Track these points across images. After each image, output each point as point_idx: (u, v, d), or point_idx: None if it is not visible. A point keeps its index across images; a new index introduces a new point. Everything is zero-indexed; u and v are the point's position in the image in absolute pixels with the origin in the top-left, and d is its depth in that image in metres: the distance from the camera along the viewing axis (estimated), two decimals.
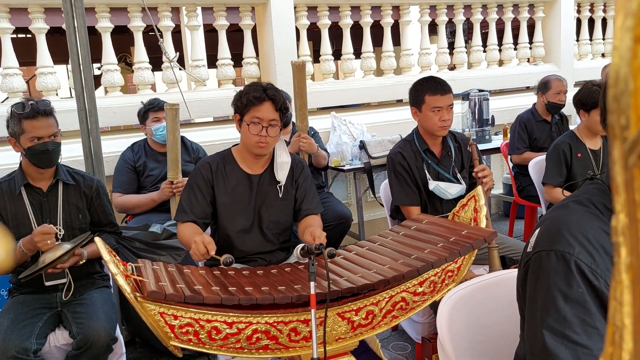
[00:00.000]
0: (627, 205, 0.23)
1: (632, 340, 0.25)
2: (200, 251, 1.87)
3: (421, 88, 2.56)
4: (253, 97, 2.11)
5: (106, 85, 3.85)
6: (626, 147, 0.22)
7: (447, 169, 2.62)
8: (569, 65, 5.66)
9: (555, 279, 0.98)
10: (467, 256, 1.90)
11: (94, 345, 2.10)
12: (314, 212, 2.31)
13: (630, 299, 0.25)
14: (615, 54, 0.22)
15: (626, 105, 0.22)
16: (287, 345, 1.69)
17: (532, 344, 1.02)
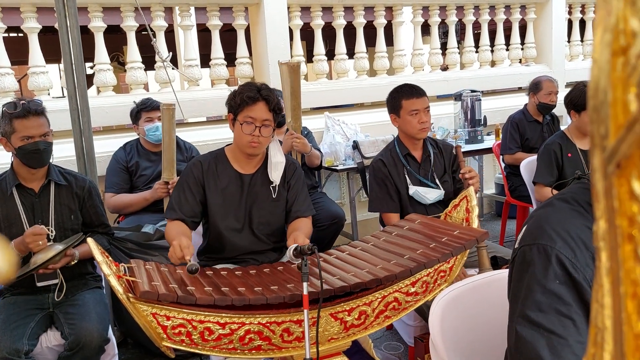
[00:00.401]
0: (607, 211, 0.24)
1: (613, 341, 0.26)
2: (176, 255, 1.85)
3: (397, 95, 2.65)
4: (247, 97, 2.12)
5: (99, 85, 3.84)
6: (605, 156, 0.23)
7: (426, 173, 2.66)
8: (560, 66, 5.70)
9: (534, 271, 1.00)
10: (459, 256, 1.92)
11: (86, 346, 2.09)
12: (304, 215, 2.30)
13: (610, 302, 0.25)
14: (595, 66, 0.23)
15: (605, 116, 0.23)
16: (279, 345, 1.69)
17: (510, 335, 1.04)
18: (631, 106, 0.21)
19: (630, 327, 0.24)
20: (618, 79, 0.22)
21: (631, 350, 0.25)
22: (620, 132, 0.22)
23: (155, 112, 3.21)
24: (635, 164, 0.22)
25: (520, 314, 1.01)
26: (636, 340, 0.24)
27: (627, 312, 0.24)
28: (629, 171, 0.22)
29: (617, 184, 0.23)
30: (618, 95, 0.22)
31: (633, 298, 0.24)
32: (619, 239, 0.23)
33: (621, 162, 0.22)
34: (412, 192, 2.61)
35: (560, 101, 3.52)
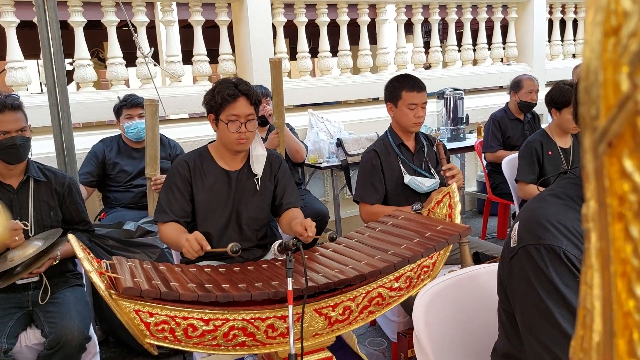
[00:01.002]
0: (597, 191, 0.24)
1: (602, 321, 0.27)
2: (194, 248, 1.86)
3: (398, 84, 2.63)
4: (227, 95, 2.10)
5: (78, 81, 3.78)
6: (596, 136, 0.23)
7: (420, 163, 2.67)
8: (541, 65, 5.77)
9: (552, 273, 1.00)
10: (442, 251, 1.93)
11: (67, 345, 2.07)
12: (295, 205, 2.32)
13: (599, 281, 0.26)
14: (587, 47, 0.23)
15: (596, 97, 0.23)
16: (264, 341, 1.69)
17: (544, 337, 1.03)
18: (622, 85, 0.22)
19: (619, 305, 0.25)
20: (609, 60, 0.23)
21: (620, 329, 0.25)
22: (611, 112, 0.22)
23: (135, 109, 3.18)
24: (626, 143, 0.22)
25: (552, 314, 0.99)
26: (625, 319, 0.24)
27: (617, 290, 0.24)
28: (620, 150, 0.22)
29: (608, 163, 0.23)
30: (609, 76, 0.23)
31: (622, 277, 0.24)
32: (610, 218, 0.24)
33: (612, 141, 0.22)
34: (407, 181, 2.60)
35: (541, 100, 3.56)
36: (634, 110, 0.21)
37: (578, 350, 0.30)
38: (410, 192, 2.64)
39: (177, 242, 1.99)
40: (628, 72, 0.21)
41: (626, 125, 0.21)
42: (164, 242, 2.21)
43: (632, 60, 0.21)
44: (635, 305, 0.23)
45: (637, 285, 0.23)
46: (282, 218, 2.30)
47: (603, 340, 0.27)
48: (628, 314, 0.24)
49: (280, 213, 2.31)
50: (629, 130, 0.21)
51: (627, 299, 0.24)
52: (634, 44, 0.21)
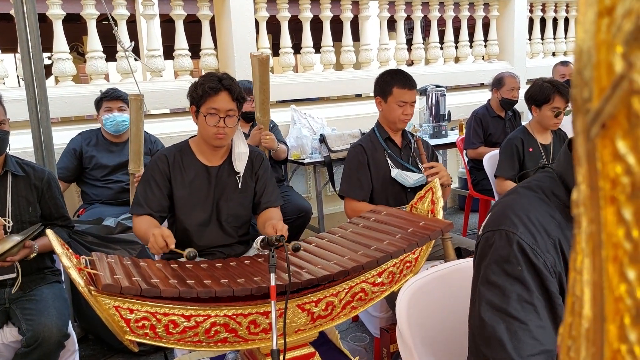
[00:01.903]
0: (589, 175, 0.24)
1: (591, 307, 0.26)
2: (159, 244, 1.84)
3: (390, 80, 2.61)
4: (209, 88, 2.08)
5: (57, 75, 3.72)
6: (589, 119, 0.23)
7: (408, 158, 2.67)
8: (522, 63, 5.83)
9: (497, 257, 1.02)
10: (425, 247, 1.94)
11: (45, 342, 2.03)
12: (273, 205, 2.30)
13: (590, 266, 0.26)
14: (580, 28, 0.23)
15: (589, 78, 0.23)
16: (246, 337, 1.68)
17: (472, 318, 1.06)
18: (616, 66, 0.21)
19: (610, 290, 0.24)
20: (602, 41, 0.22)
21: (612, 314, 0.25)
22: (605, 93, 0.22)
23: (115, 102, 3.14)
24: (619, 124, 0.22)
25: (484, 298, 1.03)
26: (616, 303, 0.24)
27: (608, 275, 0.24)
28: (613, 131, 0.22)
29: (600, 145, 0.23)
30: (602, 57, 0.22)
31: (614, 261, 0.24)
32: (602, 202, 0.24)
33: (606, 122, 0.22)
34: (394, 174, 2.59)
35: (521, 97, 3.60)
36: (629, 90, 0.21)
37: (566, 338, 0.30)
38: (397, 189, 2.63)
39: (146, 235, 1.97)
40: (622, 52, 0.21)
41: (620, 106, 0.21)
42: (136, 235, 2.18)
43: (626, 40, 0.21)
44: (627, 289, 0.23)
45: (629, 269, 0.23)
46: (260, 217, 2.29)
47: (593, 326, 0.27)
48: (619, 298, 0.24)
49: (259, 211, 2.30)
50: (623, 111, 0.21)
51: (618, 284, 0.24)
52: (628, 24, 0.21)
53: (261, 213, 2.28)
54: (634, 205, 0.22)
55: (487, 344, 1.00)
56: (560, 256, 1.00)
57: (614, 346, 0.25)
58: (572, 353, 0.29)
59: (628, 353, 0.24)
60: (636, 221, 0.22)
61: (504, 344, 0.96)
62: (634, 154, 0.21)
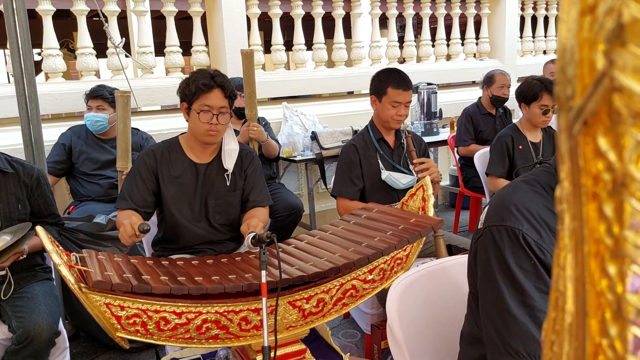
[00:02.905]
0: (571, 172, 0.24)
1: (574, 302, 0.27)
2: (127, 233, 1.82)
3: (385, 79, 2.59)
4: (202, 85, 2.07)
5: (47, 71, 3.69)
6: (571, 116, 0.23)
7: (399, 159, 2.67)
8: (513, 61, 5.86)
9: (509, 254, 1.03)
10: (416, 244, 1.94)
11: (36, 340, 2.02)
12: (261, 205, 2.28)
13: (573, 262, 0.26)
14: (563, 26, 0.23)
15: (572, 76, 0.23)
16: (237, 334, 1.68)
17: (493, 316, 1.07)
18: (598, 64, 0.22)
19: (592, 285, 0.25)
20: (585, 39, 0.23)
21: (593, 309, 0.25)
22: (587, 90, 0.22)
23: (94, 100, 3.12)
24: (601, 121, 0.22)
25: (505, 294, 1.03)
26: (598, 298, 0.25)
27: (590, 270, 0.25)
28: (595, 128, 0.22)
29: (582, 142, 0.23)
30: (585, 55, 0.23)
31: (596, 256, 0.24)
32: (584, 198, 0.24)
33: (588, 119, 0.22)
34: (384, 177, 2.59)
35: (512, 95, 3.62)
36: (610, 87, 0.21)
37: (550, 333, 0.30)
38: (388, 188, 2.64)
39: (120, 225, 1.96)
40: (604, 49, 0.21)
41: (602, 103, 0.21)
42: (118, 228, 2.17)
43: (608, 38, 0.21)
44: (608, 284, 0.24)
45: (610, 264, 0.23)
46: (245, 216, 2.28)
47: (575, 321, 0.27)
48: (601, 293, 0.24)
49: (246, 210, 2.29)
50: (604, 108, 0.22)
51: (600, 279, 0.24)
52: (609, 21, 0.21)
53: (247, 212, 2.27)
54: (615, 202, 0.22)
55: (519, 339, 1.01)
56: None
57: (595, 340, 0.25)
58: (556, 347, 0.30)
59: (609, 347, 0.24)
60: (617, 217, 0.22)
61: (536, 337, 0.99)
62: (615, 151, 0.22)
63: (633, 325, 0.23)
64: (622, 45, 0.21)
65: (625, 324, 0.23)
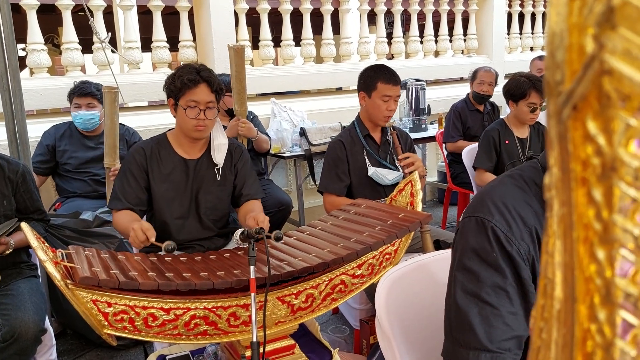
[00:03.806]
0: (560, 157, 0.24)
1: (562, 289, 0.27)
2: (139, 238, 1.83)
3: (374, 75, 2.59)
4: (188, 80, 2.05)
5: (32, 66, 3.64)
6: (560, 101, 0.23)
7: (386, 155, 2.67)
8: (500, 58, 5.89)
9: (472, 243, 1.03)
10: (404, 239, 1.95)
11: (21, 337, 2.00)
12: (254, 197, 2.29)
13: (561, 249, 0.26)
14: (553, 11, 0.23)
15: (561, 60, 0.23)
16: (226, 330, 1.67)
17: (448, 303, 1.08)
18: (587, 47, 0.22)
19: (581, 271, 0.25)
20: (574, 24, 0.23)
21: (582, 295, 0.25)
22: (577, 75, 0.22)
23: (83, 98, 3.06)
24: (590, 105, 0.22)
25: (459, 284, 1.04)
26: (587, 284, 0.25)
27: (579, 256, 0.25)
28: (584, 113, 0.22)
29: (572, 127, 0.23)
30: (574, 39, 0.23)
31: (585, 242, 0.24)
32: (573, 184, 0.24)
33: (577, 104, 0.22)
34: (370, 173, 2.60)
35: (499, 92, 3.63)
36: (599, 71, 0.21)
37: (539, 320, 0.30)
38: (375, 184, 2.64)
39: (126, 229, 1.95)
40: (594, 33, 0.21)
41: (591, 87, 0.21)
42: (117, 230, 2.16)
43: (598, 22, 0.21)
44: (597, 269, 0.24)
45: (599, 249, 0.23)
46: (240, 210, 2.28)
47: (564, 307, 0.27)
48: (589, 278, 0.24)
49: (240, 204, 2.29)
50: (594, 92, 0.21)
51: (588, 264, 0.24)
52: (599, 5, 0.21)
53: (242, 206, 2.27)
54: (604, 186, 0.22)
55: (460, 328, 1.02)
56: (537, 244, 1.01)
57: (584, 326, 0.25)
58: (544, 334, 0.30)
59: (598, 332, 0.24)
60: (606, 202, 0.22)
61: (475, 329, 0.98)
62: (604, 135, 0.22)
63: (622, 309, 0.23)
64: (612, 29, 0.21)
65: (614, 308, 0.23)
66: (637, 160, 0.21)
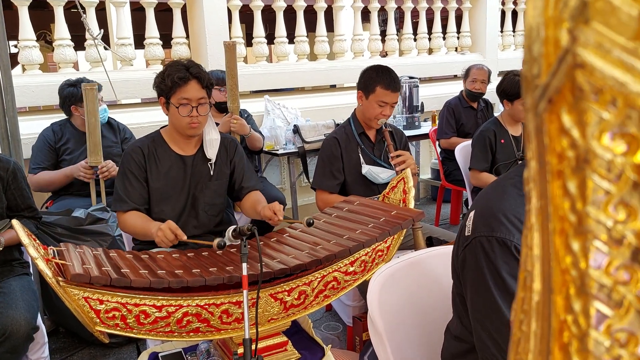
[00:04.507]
0: (537, 150, 0.24)
1: (540, 281, 0.27)
2: (168, 238, 1.83)
3: (375, 77, 2.55)
4: (178, 78, 2.05)
5: (24, 63, 3.62)
6: (537, 94, 0.23)
7: (380, 154, 2.67)
8: (494, 55, 5.91)
9: (501, 264, 1.03)
10: (396, 236, 1.95)
11: (13, 335, 1.99)
12: (255, 189, 2.30)
13: (539, 241, 0.26)
14: (530, 5, 0.23)
15: (538, 54, 0.23)
16: (218, 327, 1.67)
17: (486, 324, 1.06)
18: (562, 41, 0.22)
19: (557, 262, 0.25)
20: (551, 18, 0.23)
21: (558, 286, 0.25)
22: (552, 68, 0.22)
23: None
24: (565, 98, 0.22)
25: (501, 303, 1.02)
26: (563, 275, 0.25)
27: (555, 248, 0.25)
28: (559, 106, 0.23)
29: (547, 120, 0.23)
30: (550, 33, 0.23)
31: (561, 234, 0.24)
32: (549, 176, 0.24)
33: (552, 97, 0.23)
34: (364, 171, 2.59)
35: (493, 89, 3.64)
36: (572, 64, 0.21)
37: (519, 312, 0.31)
38: (369, 182, 2.64)
39: (146, 231, 1.95)
40: (568, 27, 0.22)
41: (565, 80, 0.22)
42: (127, 232, 2.15)
43: (572, 15, 0.21)
44: (572, 260, 0.24)
45: (574, 240, 0.23)
46: (245, 202, 2.28)
47: (542, 299, 0.27)
48: (565, 270, 0.25)
49: (242, 197, 2.29)
50: (567, 85, 0.22)
51: (564, 256, 0.24)
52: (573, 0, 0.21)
53: (245, 198, 2.27)
54: (578, 178, 0.22)
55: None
56: None
57: (560, 317, 0.25)
58: (524, 327, 0.30)
59: (573, 323, 0.25)
60: (580, 194, 0.23)
61: None
62: (578, 128, 0.22)
63: (596, 300, 0.23)
64: (585, 23, 0.21)
65: (589, 299, 0.23)
66: (609, 153, 0.21)
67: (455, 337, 1.28)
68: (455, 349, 1.25)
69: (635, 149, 0.21)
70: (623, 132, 0.21)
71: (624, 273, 0.22)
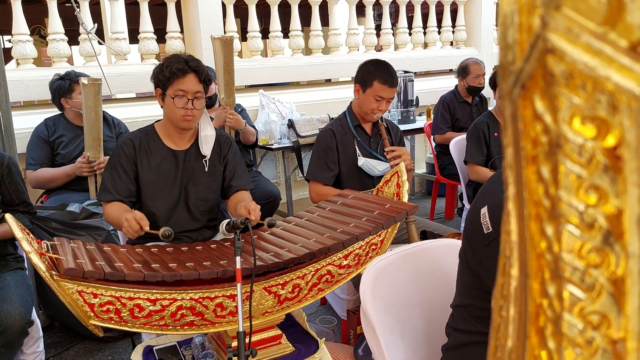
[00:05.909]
0: (513, 136, 0.25)
1: (518, 266, 0.27)
2: (133, 228, 1.83)
3: (374, 71, 2.54)
4: (176, 69, 2.05)
5: (17, 57, 3.60)
6: (511, 81, 0.24)
7: (377, 146, 2.67)
8: (489, 49, 5.91)
9: None
10: (390, 229, 1.96)
11: (8, 330, 1.99)
12: (244, 188, 2.29)
13: (516, 227, 0.26)
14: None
15: (512, 41, 0.23)
16: (213, 320, 1.68)
17: None
18: (535, 27, 0.22)
19: (533, 247, 0.25)
20: (524, 5, 0.23)
21: (534, 271, 0.26)
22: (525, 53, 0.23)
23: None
24: (537, 84, 0.22)
25: None
26: (538, 260, 0.25)
27: (531, 233, 0.25)
28: (532, 92, 0.23)
29: (522, 106, 0.24)
30: (524, 19, 0.23)
31: (536, 219, 0.25)
32: (524, 162, 0.24)
33: (525, 83, 0.23)
34: (361, 163, 2.59)
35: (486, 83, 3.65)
36: (543, 49, 0.21)
37: (498, 298, 0.31)
38: (364, 175, 2.64)
39: (119, 220, 1.95)
40: (540, 13, 0.22)
41: (537, 65, 0.22)
42: (108, 222, 2.16)
43: (544, 1, 0.21)
44: (547, 245, 0.24)
45: (548, 225, 0.24)
46: (230, 200, 2.28)
47: (519, 285, 0.28)
48: (540, 255, 0.25)
49: (229, 195, 2.29)
50: (539, 71, 0.22)
51: (539, 241, 0.25)
52: None
53: (231, 197, 2.27)
54: (551, 163, 0.23)
55: None
56: None
57: (536, 301, 0.26)
58: (504, 312, 0.30)
59: (548, 307, 0.25)
60: (553, 178, 0.23)
61: None
62: (550, 113, 0.22)
63: (569, 283, 0.23)
64: (556, 9, 0.21)
65: (562, 283, 0.24)
66: (580, 137, 0.22)
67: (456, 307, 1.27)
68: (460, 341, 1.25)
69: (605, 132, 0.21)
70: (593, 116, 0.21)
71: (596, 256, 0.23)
